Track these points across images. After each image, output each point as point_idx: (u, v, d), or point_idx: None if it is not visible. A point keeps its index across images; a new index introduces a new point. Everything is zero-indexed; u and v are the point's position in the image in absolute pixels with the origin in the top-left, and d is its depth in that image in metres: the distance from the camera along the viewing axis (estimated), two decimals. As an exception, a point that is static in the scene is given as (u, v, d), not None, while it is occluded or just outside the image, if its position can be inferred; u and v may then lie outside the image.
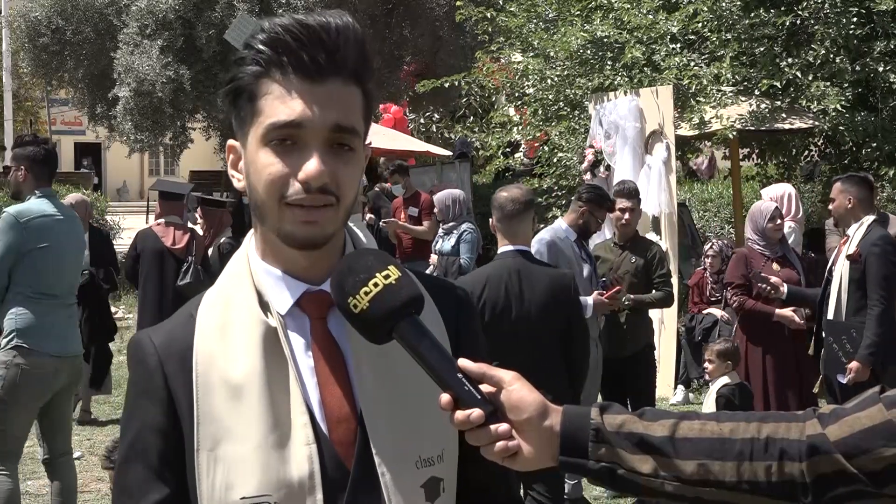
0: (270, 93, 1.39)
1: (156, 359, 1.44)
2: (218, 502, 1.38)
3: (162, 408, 1.43)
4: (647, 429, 1.36)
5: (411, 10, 17.61)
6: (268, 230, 1.44)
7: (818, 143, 11.40)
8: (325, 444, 1.40)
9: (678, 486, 1.35)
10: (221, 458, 1.38)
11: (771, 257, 6.48)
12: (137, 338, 1.49)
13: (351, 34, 1.40)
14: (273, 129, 1.39)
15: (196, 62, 16.02)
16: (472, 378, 1.34)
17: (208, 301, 1.48)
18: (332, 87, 1.39)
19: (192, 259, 7.95)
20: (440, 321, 1.51)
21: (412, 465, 1.42)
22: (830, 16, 9.66)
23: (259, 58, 1.40)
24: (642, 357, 6.47)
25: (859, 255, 5.84)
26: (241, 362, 1.41)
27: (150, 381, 1.44)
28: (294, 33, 1.37)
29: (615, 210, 6.51)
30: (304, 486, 1.38)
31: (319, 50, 1.38)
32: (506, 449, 1.33)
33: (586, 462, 1.36)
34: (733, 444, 1.34)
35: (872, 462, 1.28)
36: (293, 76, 1.38)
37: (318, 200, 1.38)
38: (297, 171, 1.37)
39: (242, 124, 1.44)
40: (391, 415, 1.42)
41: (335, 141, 1.39)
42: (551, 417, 1.36)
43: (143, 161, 35.15)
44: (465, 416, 1.31)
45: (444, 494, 1.46)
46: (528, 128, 11.99)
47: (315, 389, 1.42)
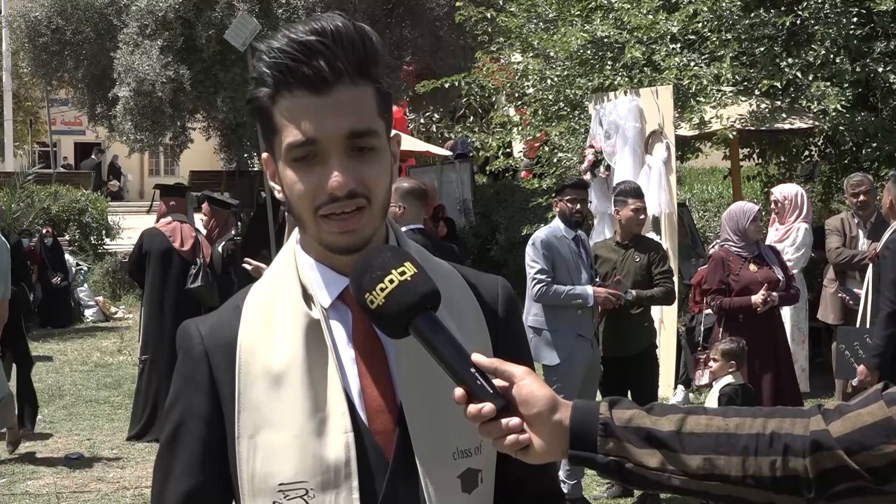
0: (283, 112, 1.43)
1: (201, 348, 1.49)
2: (258, 489, 1.43)
3: (206, 395, 1.47)
4: (655, 423, 1.38)
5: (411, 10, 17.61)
6: (310, 238, 1.49)
7: (818, 144, 11.40)
8: (364, 432, 1.44)
9: (685, 480, 1.37)
10: (261, 446, 1.43)
11: (748, 258, 6.51)
12: (185, 327, 1.53)
13: (346, 36, 1.42)
14: (291, 149, 1.43)
15: (196, 62, 16.02)
16: (485, 372, 1.38)
17: (254, 293, 1.53)
18: (341, 95, 1.42)
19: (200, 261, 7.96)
20: (481, 315, 1.55)
21: (450, 456, 1.46)
22: (830, 16, 9.66)
23: (267, 80, 1.44)
24: (646, 357, 6.49)
25: (877, 257, 5.86)
26: (282, 352, 1.45)
27: (195, 369, 1.49)
28: (290, 52, 1.40)
29: (620, 208, 6.54)
30: (339, 474, 1.42)
31: (319, 61, 1.40)
32: (517, 442, 1.36)
33: (595, 456, 1.38)
34: (739, 439, 1.36)
35: (873, 458, 1.29)
36: (299, 93, 1.42)
37: (349, 206, 1.42)
38: (323, 184, 1.42)
39: (268, 141, 1.49)
40: (430, 406, 1.46)
41: (354, 146, 1.43)
42: (561, 412, 1.39)
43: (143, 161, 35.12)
44: (478, 409, 1.35)
45: (482, 485, 1.50)
46: (528, 128, 11.98)
47: (356, 380, 1.47)
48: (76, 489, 6.78)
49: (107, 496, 6.67)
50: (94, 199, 18.98)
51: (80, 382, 10.57)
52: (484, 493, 1.51)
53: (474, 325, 1.52)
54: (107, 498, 6.64)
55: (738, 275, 6.46)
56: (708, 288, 6.61)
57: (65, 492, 6.73)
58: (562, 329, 6.17)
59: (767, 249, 6.72)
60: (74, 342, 13.28)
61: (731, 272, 6.47)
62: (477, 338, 1.49)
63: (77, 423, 8.72)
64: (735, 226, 6.58)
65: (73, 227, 18.00)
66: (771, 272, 6.46)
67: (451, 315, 1.46)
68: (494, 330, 1.56)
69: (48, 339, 13.35)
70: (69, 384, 10.46)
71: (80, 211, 18.21)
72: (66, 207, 18.00)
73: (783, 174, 11.97)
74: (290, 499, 1.42)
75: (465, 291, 1.56)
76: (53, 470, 7.15)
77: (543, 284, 6.11)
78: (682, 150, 11.31)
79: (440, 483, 1.45)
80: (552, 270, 6.16)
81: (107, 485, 6.90)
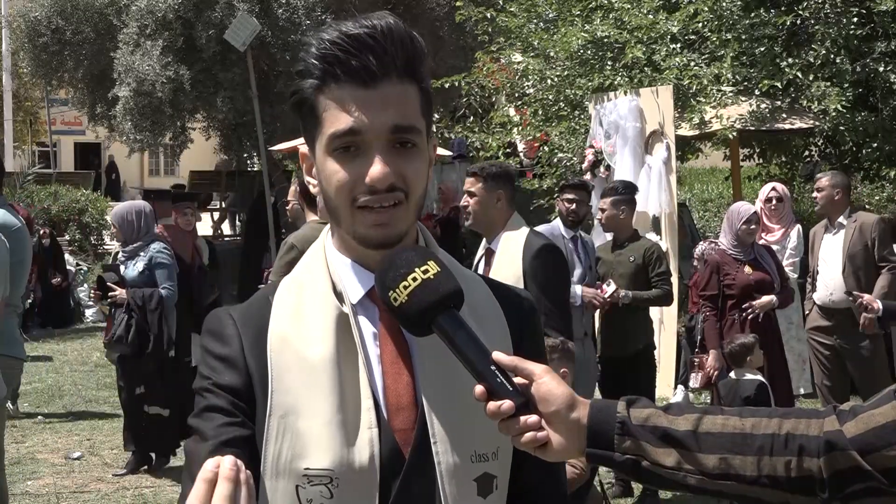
0: (329, 103, 1.45)
1: (234, 329, 1.51)
2: (282, 468, 1.43)
3: (237, 371, 1.48)
4: (672, 423, 1.39)
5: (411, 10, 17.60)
6: (343, 232, 1.51)
7: (818, 144, 11.40)
8: (385, 429, 1.45)
9: (700, 480, 1.38)
10: (291, 428, 1.44)
11: (744, 261, 6.51)
12: (216, 313, 1.55)
13: (396, 34, 1.44)
14: (334, 139, 1.45)
15: (196, 62, 16.00)
16: (505, 370, 1.39)
17: (284, 286, 1.55)
18: (387, 90, 1.44)
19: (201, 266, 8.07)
20: (506, 328, 1.56)
21: (467, 458, 1.47)
22: (831, 16, 9.66)
23: (314, 71, 1.46)
24: (643, 357, 6.49)
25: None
26: (315, 345, 1.47)
27: (228, 346, 1.50)
28: (341, 44, 1.43)
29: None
30: (363, 468, 1.43)
31: (368, 55, 1.43)
32: (535, 440, 1.38)
33: (612, 454, 1.39)
34: (754, 439, 1.37)
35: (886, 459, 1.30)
36: (347, 84, 1.44)
37: (387, 199, 1.44)
38: (364, 175, 1.44)
39: (309, 134, 1.51)
40: (451, 407, 1.47)
41: (396, 141, 1.45)
42: (579, 410, 1.40)
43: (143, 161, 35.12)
44: (497, 406, 1.37)
45: (497, 492, 1.50)
46: (528, 128, 11.98)
47: (380, 376, 1.48)
48: (76, 489, 6.78)
49: (107, 496, 6.66)
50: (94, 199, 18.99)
51: (80, 382, 10.57)
52: (498, 500, 1.51)
53: (496, 332, 1.54)
54: (107, 498, 6.63)
55: (733, 278, 6.47)
56: (703, 293, 6.63)
57: (65, 492, 6.73)
58: None
59: (762, 250, 6.72)
60: (74, 342, 13.28)
61: (725, 275, 6.48)
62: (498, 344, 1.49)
63: (77, 423, 8.72)
64: (729, 227, 6.60)
65: (73, 227, 17.99)
66: (766, 276, 6.47)
67: (474, 319, 1.47)
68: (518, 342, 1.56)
69: (48, 339, 13.34)
70: (69, 384, 10.46)
71: (79, 211, 18.21)
72: (65, 207, 17.99)
73: (785, 174, 11.98)
74: (314, 485, 1.42)
75: (489, 299, 1.58)
76: (53, 470, 7.14)
77: None
78: (682, 150, 11.32)
79: (457, 483, 1.45)
80: None
81: (107, 485, 6.90)
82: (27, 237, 5.52)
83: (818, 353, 6.96)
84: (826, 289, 6.87)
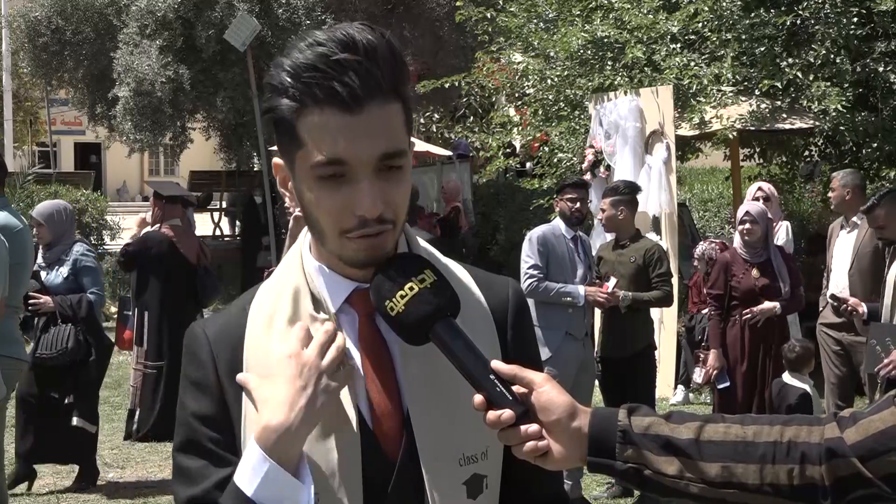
0: (310, 128, 1.36)
1: (208, 349, 1.47)
2: None
3: (213, 398, 1.46)
4: (674, 431, 1.38)
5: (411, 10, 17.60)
6: (327, 251, 1.46)
7: (818, 144, 11.39)
8: (369, 437, 1.42)
9: (702, 488, 1.37)
10: None
11: (753, 263, 6.49)
12: (192, 330, 1.51)
13: (379, 49, 1.36)
14: (319, 167, 1.37)
15: (196, 62, 16.00)
16: (505, 379, 1.38)
17: (261, 295, 1.51)
18: (373, 114, 1.35)
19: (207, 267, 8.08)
20: (490, 319, 1.53)
21: (455, 462, 1.45)
22: (831, 16, 9.65)
23: (291, 91, 1.36)
24: (643, 357, 6.48)
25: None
26: None
27: (202, 371, 1.47)
28: (321, 68, 1.34)
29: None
30: (345, 477, 1.40)
31: (352, 76, 1.34)
32: (535, 449, 1.37)
33: (614, 463, 1.38)
34: (756, 447, 1.36)
35: (886, 465, 1.29)
36: (329, 109, 1.35)
37: (376, 230, 1.39)
38: (352, 204, 1.37)
39: (286, 151, 1.43)
40: (436, 412, 1.44)
41: (384, 167, 1.38)
42: (580, 418, 1.39)
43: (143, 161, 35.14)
44: (497, 416, 1.35)
45: (487, 491, 1.48)
46: (528, 128, 11.98)
47: (362, 383, 1.45)
48: (76, 489, 6.78)
49: (107, 496, 6.67)
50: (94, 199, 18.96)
51: (80, 383, 10.54)
52: (489, 499, 1.49)
53: (482, 327, 1.51)
54: (107, 498, 6.64)
55: (739, 280, 6.45)
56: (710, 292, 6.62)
57: (65, 492, 6.73)
58: (551, 326, 6.20)
59: (778, 254, 6.67)
60: (74, 342, 13.23)
61: (732, 276, 6.46)
62: (484, 340, 1.47)
63: (77, 424, 8.70)
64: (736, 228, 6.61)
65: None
66: (772, 282, 6.44)
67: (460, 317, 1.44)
68: (503, 332, 1.54)
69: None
70: (69, 384, 10.43)
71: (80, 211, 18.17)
72: (65, 207, 17.93)
73: (785, 174, 11.97)
74: None
75: (473, 292, 1.54)
76: (53, 470, 7.14)
77: (535, 280, 6.18)
78: (682, 150, 11.31)
79: (445, 489, 1.43)
80: (546, 267, 6.21)
81: (107, 485, 6.90)
82: (29, 239, 5.53)
83: (828, 347, 6.97)
84: (837, 286, 6.90)
